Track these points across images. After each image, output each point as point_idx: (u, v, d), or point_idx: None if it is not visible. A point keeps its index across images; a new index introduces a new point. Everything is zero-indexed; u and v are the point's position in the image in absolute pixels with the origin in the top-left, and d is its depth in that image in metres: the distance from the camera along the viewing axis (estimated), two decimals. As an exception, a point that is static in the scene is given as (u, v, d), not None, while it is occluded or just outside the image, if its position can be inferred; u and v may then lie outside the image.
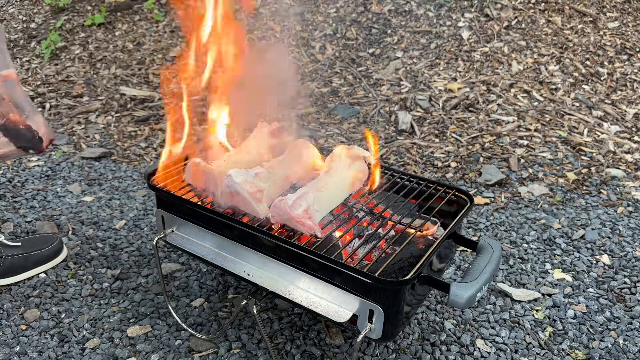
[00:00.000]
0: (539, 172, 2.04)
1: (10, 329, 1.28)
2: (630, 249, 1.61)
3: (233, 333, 1.27)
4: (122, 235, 1.64)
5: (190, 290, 1.42)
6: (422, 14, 3.19)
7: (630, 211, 1.82)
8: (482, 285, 0.93)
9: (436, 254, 1.02)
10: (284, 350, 1.23)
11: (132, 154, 2.21)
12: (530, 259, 1.57)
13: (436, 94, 2.61)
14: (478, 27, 3.02)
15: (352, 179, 1.17)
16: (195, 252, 1.13)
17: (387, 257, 0.96)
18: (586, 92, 2.61)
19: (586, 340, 1.28)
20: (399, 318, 0.94)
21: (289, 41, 3.12)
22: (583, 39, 2.92)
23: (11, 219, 1.70)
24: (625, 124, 2.40)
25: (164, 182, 1.20)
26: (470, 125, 2.36)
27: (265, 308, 1.35)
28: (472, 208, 1.46)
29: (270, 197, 1.09)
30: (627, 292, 1.45)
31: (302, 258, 0.98)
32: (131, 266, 1.51)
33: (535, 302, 1.41)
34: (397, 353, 1.23)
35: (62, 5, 3.63)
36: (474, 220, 1.76)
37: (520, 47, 2.88)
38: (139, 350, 1.23)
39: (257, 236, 1.03)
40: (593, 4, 3.13)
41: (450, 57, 2.86)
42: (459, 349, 1.25)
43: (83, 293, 1.40)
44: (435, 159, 2.15)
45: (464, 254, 1.57)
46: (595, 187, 1.96)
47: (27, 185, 1.90)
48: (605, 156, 2.16)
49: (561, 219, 1.76)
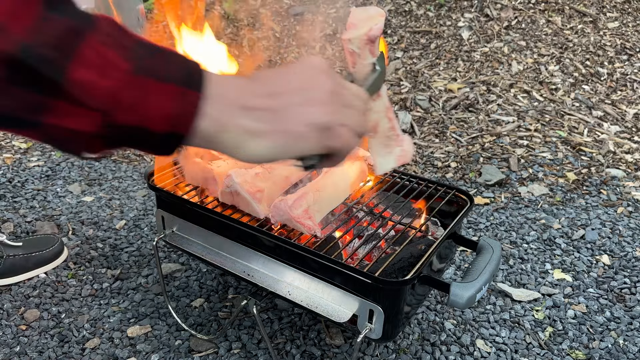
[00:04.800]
0: (539, 172, 2.04)
1: (10, 329, 1.28)
2: (630, 249, 1.61)
3: (233, 333, 1.27)
4: (122, 235, 1.64)
5: (190, 291, 1.42)
6: (422, 14, 3.19)
7: (630, 211, 1.82)
8: (482, 285, 0.93)
9: (436, 254, 1.02)
10: (284, 350, 1.23)
11: (132, 154, 2.20)
12: (530, 259, 1.57)
13: (436, 94, 2.61)
14: (478, 27, 3.02)
15: (352, 179, 1.17)
16: (195, 252, 1.13)
17: (387, 257, 0.96)
18: (586, 92, 2.61)
19: (586, 341, 1.28)
20: (399, 318, 0.94)
21: (288, 41, 3.12)
22: (583, 39, 2.92)
23: (11, 219, 1.70)
24: (625, 124, 2.40)
25: (164, 182, 1.20)
26: (470, 126, 2.36)
27: (265, 308, 1.35)
28: (472, 208, 1.46)
29: (270, 197, 1.09)
30: (627, 292, 1.45)
31: (302, 258, 0.98)
32: (131, 266, 1.51)
33: (535, 302, 1.41)
34: (397, 353, 1.23)
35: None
36: (474, 220, 1.76)
37: (520, 47, 2.88)
38: (139, 351, 1.23)
39: (257, 236, 1.03)
40: (593, 4, 3.13)
41: (450, 57, 2.86)
42: (459, 349, 1.25)
43: (83, 293, 1.40)
44: (435, 159, 2.15)
45: (464, 254, 1.57)
46: (595, 187, 1.96)
47: (27, 186, 1.90)
48: (605, 156, 2.16)
49: (561, 219, 1.76)
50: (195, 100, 0.47)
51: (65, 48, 0.41)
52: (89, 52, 0.42)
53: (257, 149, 0.51)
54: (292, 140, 0.52)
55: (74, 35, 0.42)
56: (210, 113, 0.48)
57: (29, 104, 0.42)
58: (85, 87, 0.42)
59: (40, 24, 0.40)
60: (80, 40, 0.42)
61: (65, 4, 0.43)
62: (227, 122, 0.49)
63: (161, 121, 0.45)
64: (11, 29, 0.39)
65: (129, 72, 0.43)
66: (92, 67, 0.42)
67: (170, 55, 0.47)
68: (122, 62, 0.43)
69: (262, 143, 0.51)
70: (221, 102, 0.48)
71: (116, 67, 0.43)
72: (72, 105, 0.42)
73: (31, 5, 0.40)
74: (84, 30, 0.42)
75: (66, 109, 0.42)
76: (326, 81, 0.55)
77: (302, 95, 0.53)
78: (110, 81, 0.43)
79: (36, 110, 0.42)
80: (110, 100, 0.43)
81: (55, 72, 0.41)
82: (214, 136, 0.49)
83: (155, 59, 0.46)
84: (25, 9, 0.40)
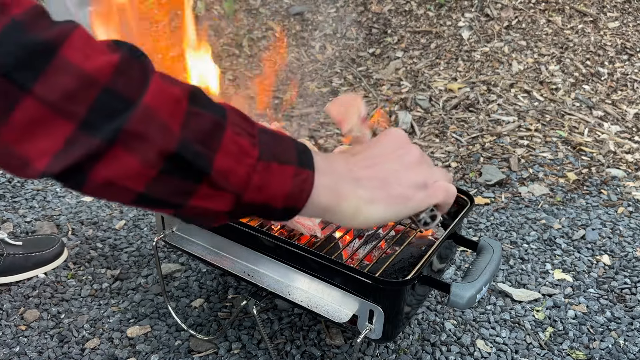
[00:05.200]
0: (540, 172, 2.04)
1: (9, 329, 1.28)
2: (630, 249, 1.61)
3: (233, 333, 1.27)
4: (122, 235, 1.64)
5: (190, 291, 1.41)
6: (422, 13, 3.19)
7: (631, 211, 1.82)
8: (483, 285, 0.93)
9: (436, 254, 1.02)
10: (284, 350, 1.23)
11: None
12: (530, 259, 1.57)
13: (436, 94, 2.60)
14: (478, 27, 3.02)
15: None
16: (195, 252, 1.13)
17: (387, 257, 0.96)
18: (586, 92, 2.61)
19: (586, 341, 1.28)
20: (399, 318, 0.94)
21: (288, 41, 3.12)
22: (583, 39, 2.92)
23: (11, 219, 1.70)
24: (626, 124, 2.40)
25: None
26: (471, 125, 2.36)
27: (265, 308, 1.35)
28: (473, 208, 1.46)
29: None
30: (627, 292, 1.44)
31: (302, 258, 0.98)
32: (131, 266, 1.51)
33: (535, 302, 1.40)
34: (397, 353, 1.23)
35: (62, 5, 3.62)
36: (474, 220, 1.76)
37: (520, 47, 2.88)
38: (139, 351, 1.22)
39: (257, 236, 1.03)
40: (593, 4, 3.13)
41: (451, 57, 2.86)
42: (459, 350, 1.25)
43: (83, 293, 1.40)
44: (436, 159, 2.14)
45: (464, 254, 1.57)
46: (595, 187, 1.96)
47: (27, 186, 1.90)
48: (606, 156, 2.16)
49: (561, 219, 1.76)
50: (310, 178, 0.52)
51: (213, 142, 0.46)
52: (228, 144, 0.47)
53: (373, 215, 0.57)
54: (402, 202, 0.58)
55: (218, 129, 0.47)
56: (328, 185, 0.54)
57: (178, 190, 0.47)
58: (225, 175, 0.47)
59: (189, 119, 0.45)
60: (222, 133, 0.47)
61: (204, 98, 0.48)
62: (346, 193, 0.55)
63: (282, 199, 0.51)
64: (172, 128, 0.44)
65: (258, 158, 0.49)
66: (231, 156, 0.47)
67: (284, 139, 0.53)
68: (252, 150, 0.49)
69: (377, 208, 0.56)
70: (335, 175, 0.55)
71: (249, 155, 0.48)
72: (213, 190, 0.48)
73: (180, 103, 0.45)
74: (223, 124, 0.47)
75: (208, 193, 0.48)
76: (412, 146, 0.62)
77: (399, 162, 0.59)
78: (245, 168, 0.48)
79: (183, 195, 0.47)
80: (243, 184, 0.48)
81: (205, 164, 0.46)
82: (334, 206, 0.55)
83: (276, 144, 0.51)
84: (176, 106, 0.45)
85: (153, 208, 0.49)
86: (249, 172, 0.48)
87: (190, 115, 0.45)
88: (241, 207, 0.50)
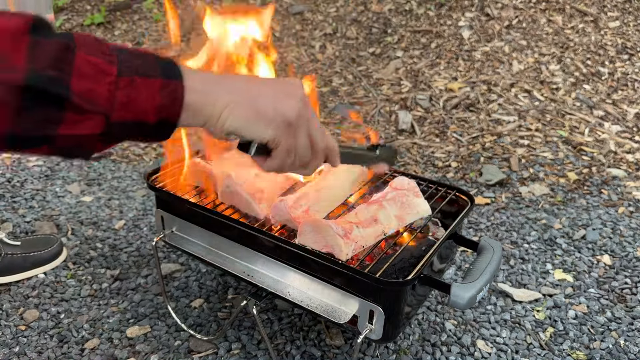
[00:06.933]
0: (540, 172, 2.04)
1: (9, 329, 1.28)
2: (631, 249, 1.61)
3: (233, 334, 1.26)
4: (122, 235, 1.64)
5: (189, 291, 1.41)
6: (422, 13, 3.19)
7: (632, 211, 1.81)
8: (483, 285, 0.93)
9: (437, 254, 1.02)
10: (284, 351, 1.23)
11: (132, 154, 2.20)
12: (531, 259, 1.57)
13: (437, 93, 2.60)
14: (479, 26, 3.01)
15: (352, 179, 1.16)
16: (194, 252, 1.13)
17: (387, 257, 0.96)
18: (587, 92, 2.60)
19: (587, 341, 1.28)
20: (399, 319, 0.93)
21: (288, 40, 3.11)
22: (584, 38, 2.91)
23: (10, 219, 1.69)
24: (627, 124, 2.40)
25: (163, 182, 1.20)
26: (471, 125, 2.36)
27: (265, 309, 1.34)
28: (473, 208, 1.46)
29: (270, 197, 1.09)
30: (628, 292, 1.44)
31: (303, 259, 0.97)
32: (130, 266, 1.50)
33: (536, 302, 1.40)
34: (398, 354, 1.23)
35: (62, 5, 3.62)
36: (474, 220, 1.76)
37: (521, 47, 2.87)
38: (139, 351, 1.22)
39: (257, 236, 1.03)
40: (594, 4, 3.12)
41: (451, 57, 2.85)
42: (459, 350, 1.24)
43: (82, 293, 1.40)
44: (436, 159, 2.14)
45: (464, 255, 1.57)
46: (596, 187, 1.95)
47: (26, 185, 1.90)
48: (606, 156, 2.16)
49: (562, 219, 1.76)
50: (179, 88, 0.54)
51: (64, 66, 0.46)
52: (82, 65, 0.47)
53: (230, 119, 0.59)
54: (259, 118, 0.60)
55: (67, 52, 0.47)
56: (195, 87, 0.55)
57: (44, 121, 0.47)
58: (86, 96, 0.47)
59: (34, 49, 0.45)
60: (73, 56, 0.47)
61: (47, 27, 0.48)
62: (216, 97, 0.57)
63: (153, 112, 0.52)
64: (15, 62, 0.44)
65: (117, 75, 0.49)
66: (88, 76, 0.47)
67: (145, 55, 0.54)
68: (109, 67, 0.49)
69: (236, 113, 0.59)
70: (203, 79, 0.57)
71: (106, 73, 0.49)
72: (79, 114, 0.48)
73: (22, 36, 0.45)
74: (72, 47, 0.48)
75: (75, 118, 0.48)
76: (300, 90, 0.64)
77: (274, 90, 0.62)
78: (105, 86, 0.49)
79: (50, 125, 0.48)
80: (108, 103, 0.49)
81: (61, 89, 0.46)
82: (199, 109, 0.57)
83: (135, 60, 0.52)
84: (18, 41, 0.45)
85: (28, 149, 0.50)
86: (111, 90, 0.49)
87: (35, 45, 0.45)
88: (113, 128, 0.51)
